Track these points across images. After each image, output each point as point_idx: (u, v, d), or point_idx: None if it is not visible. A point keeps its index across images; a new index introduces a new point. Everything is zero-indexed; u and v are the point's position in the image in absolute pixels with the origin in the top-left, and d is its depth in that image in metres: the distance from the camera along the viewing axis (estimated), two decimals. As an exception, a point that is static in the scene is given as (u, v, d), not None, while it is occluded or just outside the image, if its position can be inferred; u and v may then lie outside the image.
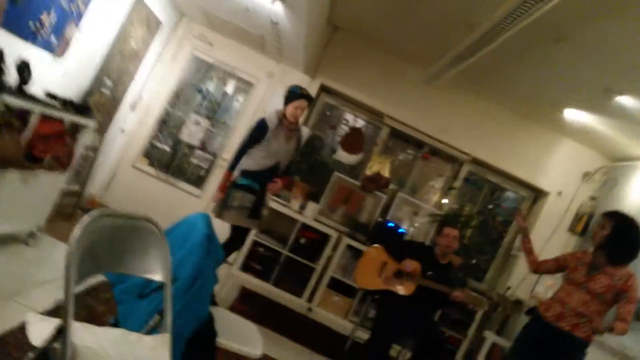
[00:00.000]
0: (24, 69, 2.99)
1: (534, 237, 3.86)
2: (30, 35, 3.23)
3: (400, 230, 5.13)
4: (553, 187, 5.31)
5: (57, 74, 3.71)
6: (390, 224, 5.17)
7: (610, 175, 5.07)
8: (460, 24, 3.64)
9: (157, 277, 1.84)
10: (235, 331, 2.36)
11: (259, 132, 3.53)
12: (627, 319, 2.71)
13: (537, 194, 5.55)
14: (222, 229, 3.47)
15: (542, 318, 2.97)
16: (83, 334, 1.50)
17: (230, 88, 5.51)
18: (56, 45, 3.53)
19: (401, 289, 3.80)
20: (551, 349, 2.92)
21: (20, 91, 2.96)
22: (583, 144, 5.26)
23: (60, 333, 1.40)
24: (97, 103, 4.45)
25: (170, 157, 5.40)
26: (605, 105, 4.04)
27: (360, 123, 5.62)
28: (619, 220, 2.93)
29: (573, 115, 4.59)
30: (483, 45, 3.55)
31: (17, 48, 3.10)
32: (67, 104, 3.49)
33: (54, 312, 2.53)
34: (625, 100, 3.80)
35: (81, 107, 3.65)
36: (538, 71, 4.08)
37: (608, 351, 3.64)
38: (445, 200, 5.55)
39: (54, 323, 1.47)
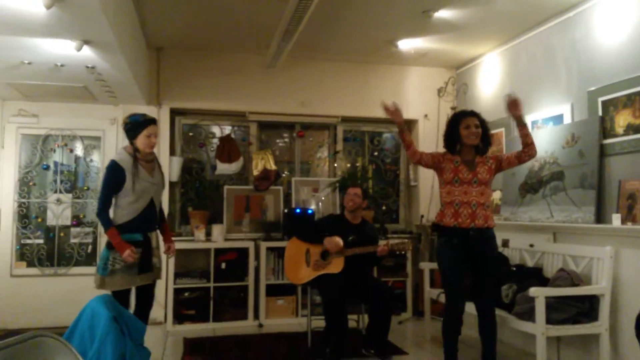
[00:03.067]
0: None
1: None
2: None
3: (309, 212, 5.15)
4: (418, 113, 5.64)
5: None
6: (297, 210, 5.17)
7: (460, 82, 5.49)
8: (272, 1, 3.65)
9: (79, 385, 1.64)
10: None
11: (116, 177, 3.08)
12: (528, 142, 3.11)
13: (409, 125, 5.85)
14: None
15: (457, 227, 3.10)
16: None
17: (79, 151, 5.08)
18: None
19: (333, 268, 3.82)
20: (476, 248, 3.10)
21: None
22: (427, 66, 5.61)
23: None
24: None
25: (47, 249, 4.88)
26: (428, 25, 4.34)
27: (227, 130, 5.49)
28: (479, 115, 3.22)
29: (406, 44, 4.86)
30: (302, 13, 3.59)
31: None
32: None
33: None
34: (442, 14, 4.10)
35: None
36: (359, 18, 4.26)
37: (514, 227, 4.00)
38: (335, 165, 5.66)
39: None
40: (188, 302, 4.68)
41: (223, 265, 4.84)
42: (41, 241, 4.87)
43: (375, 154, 5.90)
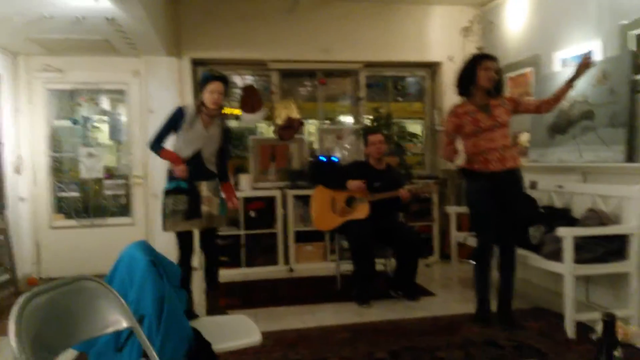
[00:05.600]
0: None
1: (448, 105, 3.95)
2: None
3: (334, 159, 5.16)
4: (442, 55, 5.47)
5: None
6: (322, 158, 5.18)
7: (486, 21, 5.25)
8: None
9: (122, 324, 1.74)
10: (227, 331, 2.31)
11: (174, 118, 3.31)
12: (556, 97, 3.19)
13: (433, 68, 5.70)
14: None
15: (488, 171, 3.13)
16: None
17: (105, 104, 5.14)
18: None
19: (358, 214, 3.87)
20: (506, 190, 3.16)
21: None
22: (450, 4, 5.38)
23: None
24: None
25: (83, 201, 5.05)
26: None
27: (248, 80, 5.45)
28: (495, 59, 3.21)
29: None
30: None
31: None
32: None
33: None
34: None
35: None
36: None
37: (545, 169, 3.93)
38: (359, 112, 5.60)
39: None
40: (221, 249, 4.82)
41: (252, 214, 4.94)
42: (76, 194, 5.04)
43: (399, 98, 5.80)
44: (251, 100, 5.19)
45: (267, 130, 5.53)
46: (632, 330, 2.82)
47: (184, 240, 3.36)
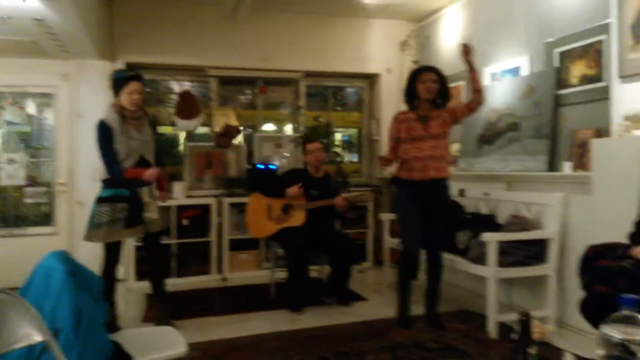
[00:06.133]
0: None
1: (386, 116, 4.07)
2: None
3: (272, 167, 5.15)
4: (380, 67, 5.62)
5: None
6: (259, 166, 5.16)
7: (422, 35, 5.46)
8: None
9: (35, 338, 1.65)
10: (151, 343, 2.25)
11: (105, 134, 3.10)
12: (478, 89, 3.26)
13: (371, 79, 5.83)
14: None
15: (412, 180, 3.26)
16: None
17: (31, 109, 4.87)
18: None
19: (294, 221, 3.88)
20: (429, 199, 3.27)
21: None
22: (389, 18, 5.54)
23: None
24: None
25: (2, 209, 4.75)
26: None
27: (186, 85, 5.35)
28: (439, 71, 3.31)
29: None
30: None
31: None
32: None
33: None
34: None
35: None
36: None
37: (475, 179, 4.12)
38: (299, 121, 5.63)
39: None
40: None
41: (185, 222, 4.83)
42: (-6, 202, 4.73)
43: (338, 108, 5.89)
44: (188, 106, 5.10)
45: (205, 137, 5.45)
46: (549, 330, 2.99)
47: (113, 251, 3.20)
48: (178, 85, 5.33)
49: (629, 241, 2.21)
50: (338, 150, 5.51)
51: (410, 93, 3.34)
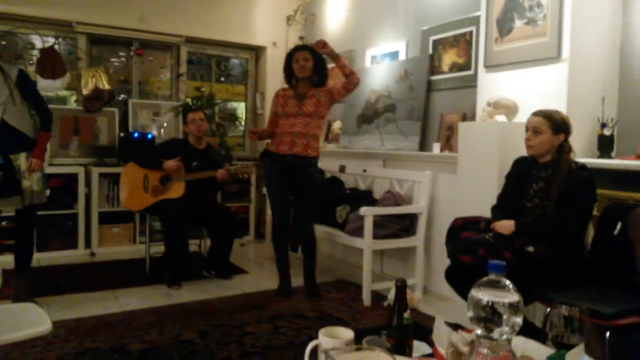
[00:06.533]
0: None
1: (271, 89, 4.02)
2: None
3: (148, 137, 4.85)
4: (266, 40, 5.55)
5: None
6: (135, 135, 4.83)
7: (309, 12, 5.48)
8: None
9: None
10: (12, 321, 2.01)
11: None
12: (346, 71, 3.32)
13: (257, 51, 5.74)
14: None
15: (278, 154, 3.34)
16: None
17: None
18: None
19: (172, 193, 3.70)
20: (294, 174, 3.36)
21: None
22: (276, -10, 5.48)
23: None
24: None
25: None
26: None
27: (50, 42, 4.78)
28: (312, 48, 3.38)
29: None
30: None
31: None
32: None
33: None
34: None
35: None
36: None
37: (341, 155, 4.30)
38: (179, 88, 5.36)
39: None
40: (6, 231, 4.17)
41: (47, 192, 4.36)
42: None
43: (222, 79, 5.72)
44: (51, 64, 4.57)
45: (70, 101, 4.95)
46: (417, 297, 3.24)
47: None
48: (41, 41, 4.74)
49: (491, 215, 2.46)
50: (222, 122, 5.34)
51: (288, 72, 3.43)
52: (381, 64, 4.39)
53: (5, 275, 3.49)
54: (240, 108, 5.89)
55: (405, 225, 3.50)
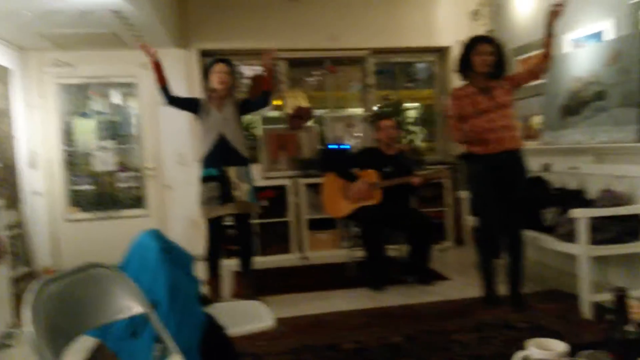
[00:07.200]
0: None
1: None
2: None
3: (344, 147, 5.16)
4: (451, 39, 5.39)
5: None
6: (332, 147, 5.18)
7: (494, 3, 5.16)
8: None
9: (136, 310, 1.76)
10: (241, 316, 2.34)
11: (190, 99, 3.64)
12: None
13: (442, 52, 5.63)
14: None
15: (487, 154, 3.12)
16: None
17: (116, 98, 5.17)
18: None
19: (371, 201, 3.86)
20: (506, 172, 3.14)
21: None
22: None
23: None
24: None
25: (97, 194, 5.11)
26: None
27: (257, 69, 5.44)
28: (495, 41, 3.20)
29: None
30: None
31: None
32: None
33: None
34: None
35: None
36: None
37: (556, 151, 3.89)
38: (370, 98, 5.57)
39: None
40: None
41: (264, 203, 4.96)
42: (91, 187, 5.10)
43: (409, 85, 5.76)
44: (260, 88, 5.18)
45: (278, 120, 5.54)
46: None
47: (215, 229, 3.46)
48: (250, 70, 5.43)
49: None
50: (411, 128, 5.38)
51: (465, 65, 3.21)
52: (584, 47, 3.91)
53: (236, 276, 4.06)
54: (428, 111, 5.84)
55: (628, 228, 3.05)
